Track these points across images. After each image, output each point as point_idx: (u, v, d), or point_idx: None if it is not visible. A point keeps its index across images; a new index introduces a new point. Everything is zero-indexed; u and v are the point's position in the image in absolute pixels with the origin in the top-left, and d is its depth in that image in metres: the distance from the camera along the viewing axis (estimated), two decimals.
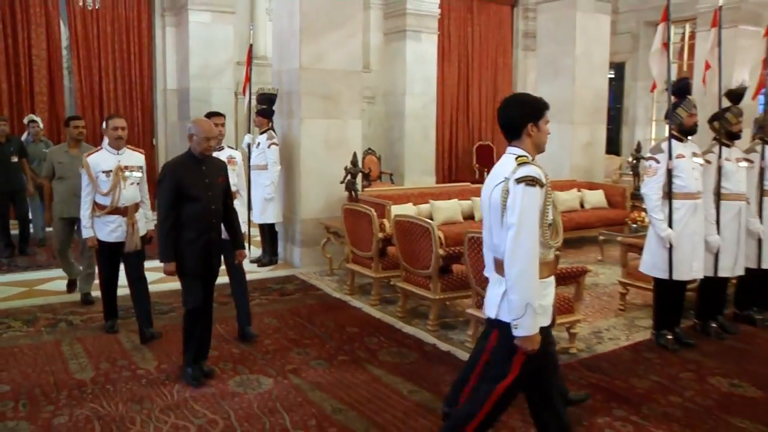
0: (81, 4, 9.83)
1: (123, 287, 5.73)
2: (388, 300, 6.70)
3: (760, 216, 6.06)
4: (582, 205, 10.06)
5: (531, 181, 2.96)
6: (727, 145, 5.78)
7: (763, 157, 6.07)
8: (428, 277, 5.85)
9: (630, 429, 4.04)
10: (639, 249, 5.90)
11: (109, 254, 5.57)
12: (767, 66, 6.49)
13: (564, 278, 5.31)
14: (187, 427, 3.98)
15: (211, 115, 6.01)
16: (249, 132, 8.45)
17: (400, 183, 12.48)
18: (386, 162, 13.21)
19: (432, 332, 5.76)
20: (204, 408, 4.24)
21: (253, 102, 8.32)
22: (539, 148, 3.19)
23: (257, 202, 8.06)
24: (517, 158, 3.06)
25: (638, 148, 11.78)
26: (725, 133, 5.78)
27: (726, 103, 5.87)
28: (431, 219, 7.78)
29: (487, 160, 14.62)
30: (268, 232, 8.30)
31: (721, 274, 5.78)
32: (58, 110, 11.01)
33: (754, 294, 6.29)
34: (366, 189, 8.75)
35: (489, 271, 3.25)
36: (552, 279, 3.24)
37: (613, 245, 8.09)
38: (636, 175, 11.10)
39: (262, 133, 8.04)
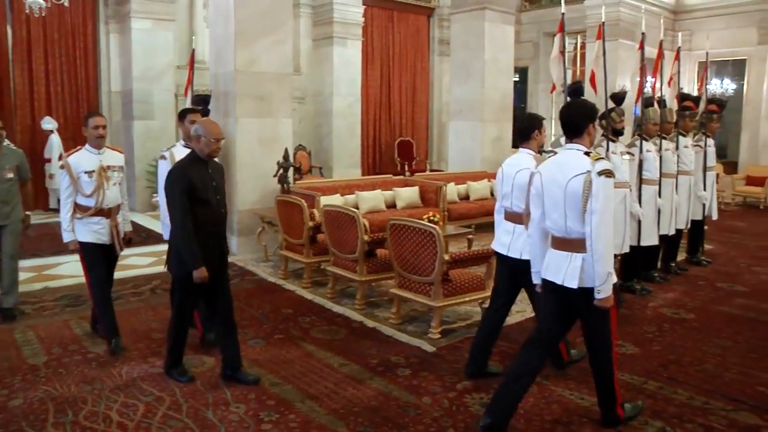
0: (27, 11, 9.42)
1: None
2: (319, 283, 6.72)
3: (640, 201, 6.39)
4: (492, 194, 10.26)
5: (609, 173, 3.31)
6: (613, 141, 6.05)
7: (641, 151, 6.40)
8: (355, 261, 5.92)
9: (534, 389, 4.16)
10: None
11: (102, 254, 4.89)
12: (644, 74, 6.83)
13: (476, 259, 5.48)
14: (136, 404, 3.94)
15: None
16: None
17: (328, 176, 12.49)
18: (316, 157, 13.19)
19: (359, 311, 5.83)
20: (151, 387, 4.20)
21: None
22: (592, 144, 3.60)
23: None
24: (588, 154, 3.42)
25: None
26: (611, 130, 6.05)
27: (611, 104, 6.15)
28: (357, 208, 7.84)
29: (408, 154, 14.79)
30: None
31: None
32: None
33: (636, 268, 6.64)
34: (297, 182, 8.73)
35: (550, 246, 3.59)
36: None
37: None
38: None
39: None
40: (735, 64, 15.39)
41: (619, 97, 6.15)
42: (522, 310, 5.92)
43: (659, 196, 6.66)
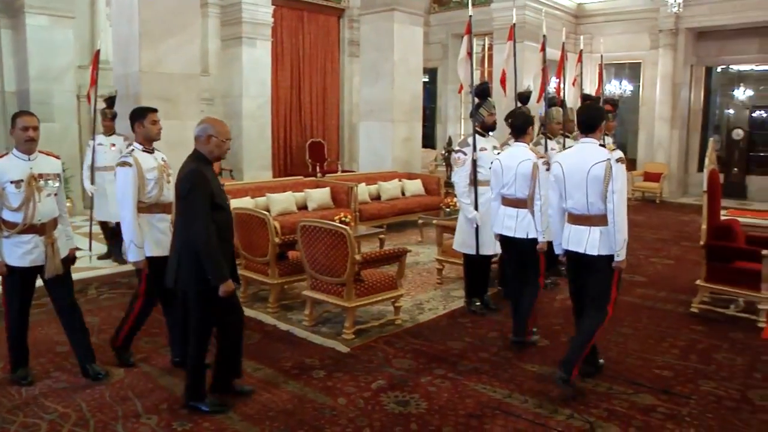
0: None
1: None
2: None
3: None
4: (403, 193, 10.38)
5: (623, 160, 4.09)
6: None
7: (546, 149, 6.62)
8: (266, 264, 5.85)
9: (448, 384, 4.29)
10: (452, 230, 6.24)
11: (21, 282, 4.18)
12: (546, 75, 7.09)
13: (388, 258, 5.53)
14: (38, 423, 3.73)
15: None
16: (94, 133, 7.90)
17: (239, 178, 12.26)
18: (225, 159, 12.89)
19: (272, 314, 5.76)
20: (55, 403, 3.99)
21: (99, 104, 7.87)
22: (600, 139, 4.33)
23: (110, 201, 7.58)
24: (603, 146, 4.24)
25: (449, 142, 12.38)
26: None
27: (520, 103, 6.33)
28: (268, 211, 7.76)
29: (319, 155, 14.72)
30: (119, 228, 7.84)
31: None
32: None
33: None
34: None
35: (575, 224, 4.26)
36: None
37: (431, 227, 8.46)
38: (448, 165, 11.64)
39: (111, 135, 7.61)
40: (631, 66, 16.19)
41: (524, 97, 6.35)
42: (434, 308, 6.02)
43: None
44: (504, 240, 5.11)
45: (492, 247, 5.78)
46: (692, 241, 7.28)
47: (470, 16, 6.13)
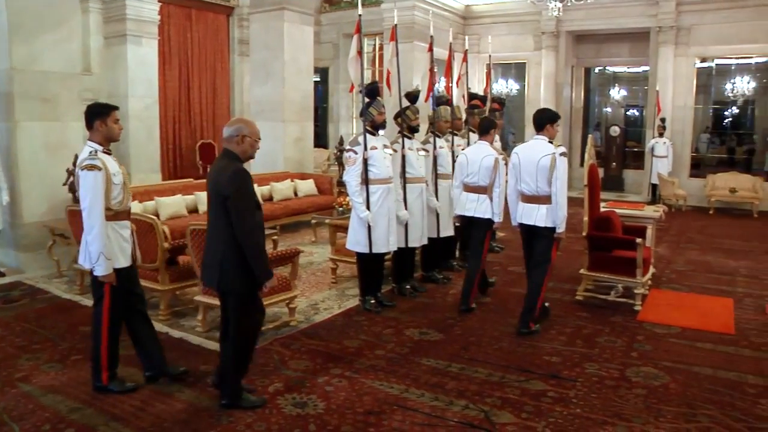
0: None
1: None
2: None
3: (437, 195, 6.76)
4: (296, 194, 10.32)
5: (566, 155, 5.28)
6: (409, 137, 6.34)
7: (435, 147, 6.77)
8: (156, 270, 5.65)
9: (345, 383, 4.31)
10: (345, 229, 6.26)
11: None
12: (433, 74, 7.25)
13: (281, 259, 5.48)
14: None
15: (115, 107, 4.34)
16: None
17: None
18: None
19: (164, 321, 5.57)
20: None
21: None
22: (552, 137, 5.42)
23: None
24: (550, 142, 5.34)
25: (341, 142, 12.41)
26: (407, 127, 6.34)
27: (406, 102, 6.43)
28: (157, 215, 7.51)
29: (210, 156, 14.33)
30: None
31: (411, 244, 6.36)
32: None
33: (436, 258, 7.02)
34: None
35: (526, 204, 5.37)
36: None
37: (324, 227, 8.44)
38: (340, 165, 11.67)
39: None
40: (517, 66, 16.86)
41: (413, 96, 6.45)
42: (330, 307, 6.03)
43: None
44: (465, 220, 6.04)
45: (386, 245, 5.86)
46: (576, 232, 7.64)
47: (359, 15, 6.18)
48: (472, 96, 8.11)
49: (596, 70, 18.94)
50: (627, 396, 4.16)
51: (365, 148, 5.76)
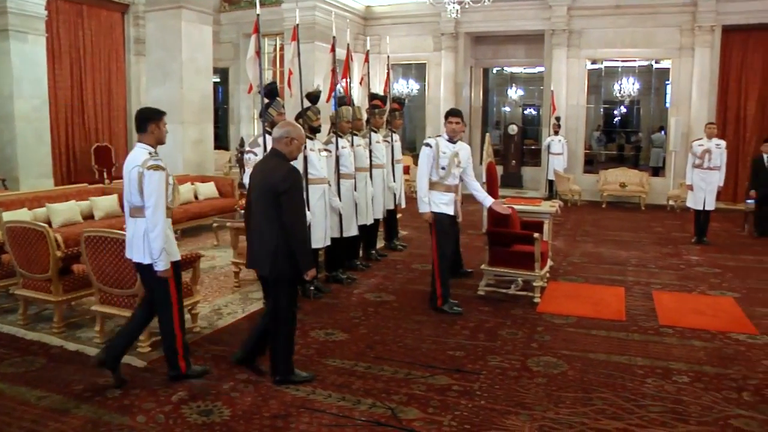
0: None
1: None
2: (7, 310, 5.94)
3: (339, 195, 6.79)
4: (196, 197, 10.08)
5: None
6: (311, 138, 6.33)
7: (337, 147, 6.80)
8: (48, 280, 5.36)
9: (251, 388, 4.25)
10: None
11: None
12: (335, 75, 7.28)
13: (182, 265, 5.32)
14: None
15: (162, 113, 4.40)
16: None
17: (14, 188, 11.05)
18: None
19: (58, 335, 5.28)
20: None
21: None
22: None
23: None
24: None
25: (242, 143, 12.23)
26: (308, 127, 6.32)
27: (307, 103, 6.42)
28: (49, 222, 7.16)
29: (106, 160, 13.81)
30: None
31: (315, 245, 6.34)
32: None
33: (340, 258, 7.04)
34: None
35: None
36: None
37: (226, 230, 8.28)
38: (242, 167, 11.50)
39: None
40: (417, 67, 17.15)
41: (314, 96, 6.45)
42: (233, 311, 5.94)
43: (355, 189, 7.14)
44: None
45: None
46: (476, 228, 7.87)
47: (257, 15, 6.10)
48: (372, 96, 8.18)
49: (494, 71, 19.57)
50: (528, 385, 4.32)
51: (265, 150, 5.71)
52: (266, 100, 5.91)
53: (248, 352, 4.50)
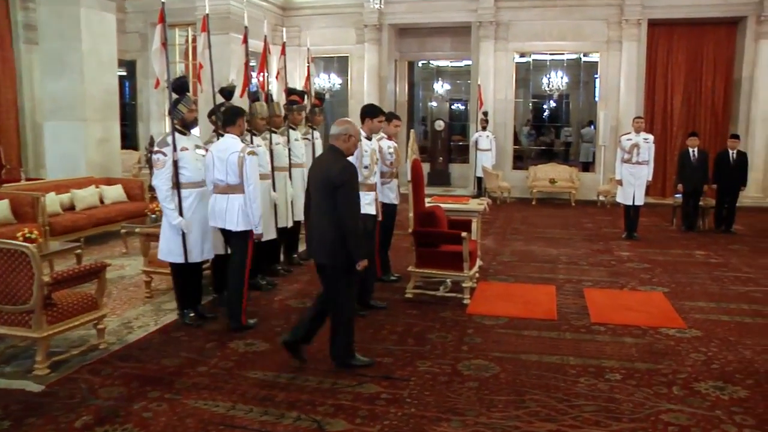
0: None
1: None
2: None
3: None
4: (102, 201, 9.77)
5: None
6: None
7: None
8: None
9: (165, 407, 4.12)
10: (158, 237, 6.01)
11: None
12: (248, 68, 7.18)
13: (85, 276, 5.13)
14: None
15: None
16: None
17: None
18: None
19: None
20: None
21: None
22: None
23: None
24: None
25: (152, 142, 11.89)
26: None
27: (220, 98, 6.31)
28: None
29: None
30: None
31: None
32: None
33: (259, 263, 6.91)
34: None
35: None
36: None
37: (136, 237, 8.04)
38: (152, 168, 11.19)
39: None
40: (340, 60, 17.13)
41: (227, 92, 6.34)
42: (145, 324, 5.78)
43: (274, 189, 7.06)
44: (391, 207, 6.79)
45: (200, 254, 5.72)
46: (402, 228, 7.90)
47: (163, 3, 5.97)
48: (290, 91, 8.10)
49: (420, 64, 19.79)
50: (460, 390, 4.38)
51: (175, 149, 5.56)
52: (176, 96, 5.75)
53: (299, 337, 4.80)
